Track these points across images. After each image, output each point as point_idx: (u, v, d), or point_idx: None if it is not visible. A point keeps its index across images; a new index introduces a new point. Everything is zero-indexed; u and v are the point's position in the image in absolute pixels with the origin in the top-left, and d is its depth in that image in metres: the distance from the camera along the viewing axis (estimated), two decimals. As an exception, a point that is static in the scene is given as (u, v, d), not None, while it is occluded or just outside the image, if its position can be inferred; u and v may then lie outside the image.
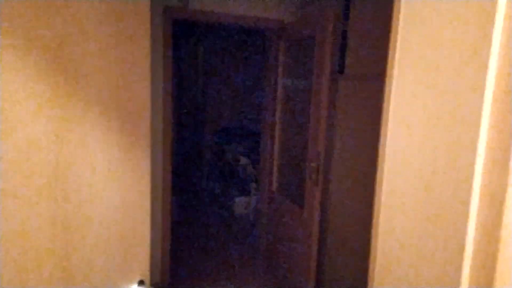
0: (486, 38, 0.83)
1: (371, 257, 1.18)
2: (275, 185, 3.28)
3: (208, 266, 3.41)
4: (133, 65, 0.89)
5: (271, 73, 3.26)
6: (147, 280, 1.03)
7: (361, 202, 2.60)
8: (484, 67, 0.84)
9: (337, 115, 2.81)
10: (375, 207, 1.18)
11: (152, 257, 2.98)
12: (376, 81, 2.42)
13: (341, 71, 2.73)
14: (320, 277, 3.03)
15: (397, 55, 1.09)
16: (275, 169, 3.26)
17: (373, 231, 1.21)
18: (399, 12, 1.06)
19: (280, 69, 3.18)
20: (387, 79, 1.16)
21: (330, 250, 2.92)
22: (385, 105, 1.18)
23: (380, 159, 1.20)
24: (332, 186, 2.88)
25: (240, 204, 4.78)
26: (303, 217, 2.65)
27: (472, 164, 0.86)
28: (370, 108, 2.51)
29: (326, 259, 2.96)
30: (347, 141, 2.72)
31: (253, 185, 4.65)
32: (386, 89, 1.16)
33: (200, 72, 5.79)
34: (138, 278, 1.00)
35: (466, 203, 0.87)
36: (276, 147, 3.24)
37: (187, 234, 4.10)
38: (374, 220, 1.19)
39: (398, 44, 1.08)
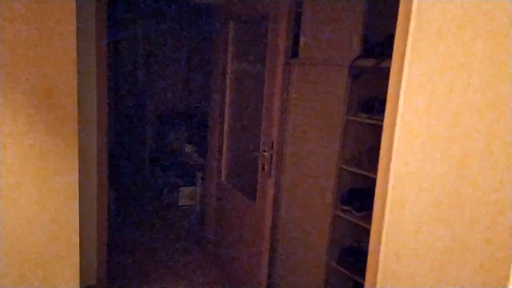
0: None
1: (370, 261, 1.06)
2: (224, 175, 3.08)
3: (150, 263, 3.15)
4: (53, 43, 0.65)
5: (219, 54, 3.02)
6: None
7: (315, 195, 2.50)
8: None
9: (291, 102, 2.66)
10: (376, 212, 1.03)
11: (87, 257, 2.68)
12: (334, 67, 2.30)
13: (294, 55, 2.57)
14: (272, 275, 2.92)
15: (409, 45, 0.95)
16: (224, 157, 3.06)
17: (372, 237, 1.08)
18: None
19: (229, 51, 2.95)
20: (393, 71, 1.02)
21: (282, 246, 2.81)
22: (390, 102, 1.03)
23: (382, 160, 1.05)
24: (284, 177, 2.75)
25: (185, 194, 4.53)
26: (255, 211, 2.50)
27: (508, 158, 0.75)
28: (327, 95, 2.39)
29: (278, 255, 2.85)
30: (301, 130, 2.59)
31: (199, 174, 4.41)
32: (392, 80, 1.01)
33: (141, 53, 5.35)
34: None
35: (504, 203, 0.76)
36: (226, 134, 3.03)
37: (126, 229, 3.78)
38: (373, 227, 1.05)
39: (410, 33, 0.94)
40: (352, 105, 2.26)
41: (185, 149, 4.79)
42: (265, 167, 2.34)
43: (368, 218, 2.22)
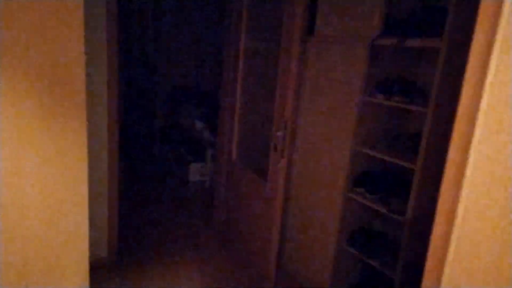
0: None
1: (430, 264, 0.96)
2: (235, 153, 3.06)
3: (160, 238, 3.19)
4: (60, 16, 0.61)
5: (232, 30, 2.94)
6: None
7: (327, 176, 2.47)
8: None
9: (306, 80, 2.59)
10: (441, 215, 0.93)
11: (99, 231, 2.72)
12: (353, 45, 2.21)
13: (311, 31, 2.48)
14: (281, 255, 2.93)
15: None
16: (235, 135, 3.02)
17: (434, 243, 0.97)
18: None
19: (243, 26, 2.86)
20: (474, 46, 0.88)
21: (293, 227, 2.81)
22: (467, 87, 0.90)
23: (452, 161, 0.93)
24: (296, 157, 2.71)
25: (195, 171, 4.53)
26: (266, 192, 2.48)
27: None
28: (344, 74, 2.32)
29: (288, 236, 2.85)
30: (316, 110, 2.53)
31: (210, 151, 4.40)
32: (470, 64, 0.89)
33: (151, 28, 5.26)
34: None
35: None
36: (237, 112, 2.98)
37: (137, 204, 3.82)
38: (436, 231, 0.96)
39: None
40: (369, 85, 2.18)
41: (196, 125, 4.77)
42: (278, 147, 2.30)
43: (380, 201, 2.19)
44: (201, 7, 5.21)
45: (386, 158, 2.11)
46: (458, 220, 0.89)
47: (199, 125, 4.72)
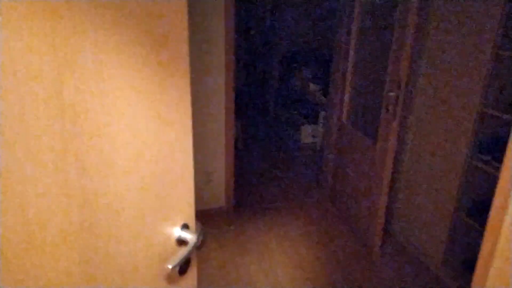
0: None
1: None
2: (345, 115, 3.00)
3: (271, 193, 3.39)
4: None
5: (348, -14, 2.79)
6: (191, 224, 0.92)
7: (448, 141, 2.25)
8: None
9: (426, 39, 2.35)
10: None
11: (217, 184, 3.04)
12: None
13: (436, -22, 2.20)
14: (390, 221, 2.84)
15: None
16: (346, 97, 2.95)
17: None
18: None
19: (359, -20, 2.69)
20: None
21: (404, 193, 2.67)
22: None
23: None
24: (411, 120, 2.53)
25: (307, 132, 4.59)
26: (375, 152, 2.40)
27: None
28: (472, 28, 2.03)
29: (398, 202, 2.73)
30: (438, 67, 2.30)
31: (322, 113, 4.38)
32: None
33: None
34: (181, 222, 0.89)
35: None
36: (349, 72, 2.89)
37: (251, 161, 4.09)
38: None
39: None
40: (504, 40, 1.87)
41: (309, 88, 4.77)
42: (390, 108, 2.18)
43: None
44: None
45: (522, 121, 1.82)
46: None
47: (313, 87, 4.72)
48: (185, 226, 0.91)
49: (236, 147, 3.06)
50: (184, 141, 0.84)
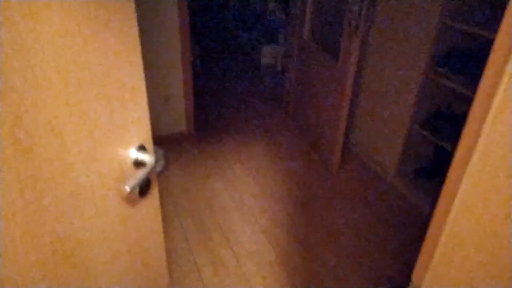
0: None
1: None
2: (307, 33, 2.89)
3: (233, 118, 3.36)
4: None
5: None
6: (149, 145, 0.87)
7: (407, 55, 2.25)
8: None
9: None
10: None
11: (176, 108, 2.94)
12: None
13: None
14: (349, 135, 2.93)
15: None
16: (308, 13, 2.82)
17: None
18: None
19: None
20: None
21: (363, 108, 2.72)
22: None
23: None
24: (373, 35, 2.48)
25: (267, 53, 4.46)
26: (337, 68, 2.37)
27: None
28: None
29: (357, 116, 2.79)
30: (400, -23, 2.20)
31: (283, 33, 4.23)
32: None
33: None
34: (137, 143, 0.84)
35: None
36: (310, -15, 2.72)
37: (211, 85, 3.97)
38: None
39: None
40: None
41: (268, 6, 4.52)
42: (352, 22, 2.11)
43: (464, 82, 1.97)
44: None
45: (484, 33, 1.83)
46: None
47: (272, 5, 4.47)
48: (142, 148, 0.85)
49: (194, 71, 2.92)
50: (132, 53, 0.75)
